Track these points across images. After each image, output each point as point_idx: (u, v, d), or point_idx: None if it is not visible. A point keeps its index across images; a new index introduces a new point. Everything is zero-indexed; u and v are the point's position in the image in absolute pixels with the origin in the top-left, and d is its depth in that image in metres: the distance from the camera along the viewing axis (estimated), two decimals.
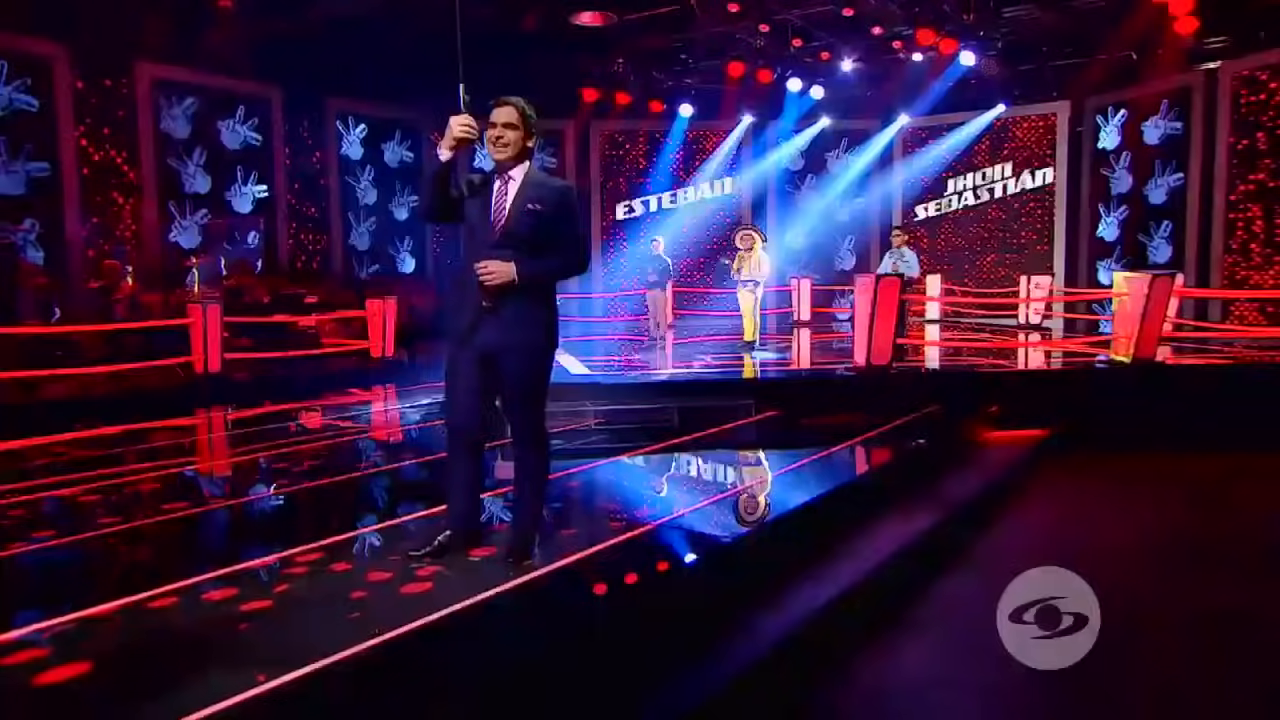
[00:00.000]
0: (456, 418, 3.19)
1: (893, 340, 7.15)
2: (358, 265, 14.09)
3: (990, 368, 8.16)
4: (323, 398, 8.21)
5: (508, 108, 3.09)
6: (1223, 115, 12.35)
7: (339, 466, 5.18)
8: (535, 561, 3.19)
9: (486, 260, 3.00)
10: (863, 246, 16.49)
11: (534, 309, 3.13)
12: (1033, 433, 6.80)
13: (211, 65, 11.64)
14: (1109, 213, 14.29)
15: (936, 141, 15.89)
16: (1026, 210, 15.43)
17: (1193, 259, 12.90)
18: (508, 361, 3.12)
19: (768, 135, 16.00)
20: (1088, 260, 14.77)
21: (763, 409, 6.59)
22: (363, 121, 14.00)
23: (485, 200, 3.13)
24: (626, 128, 15.74)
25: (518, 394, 3.17)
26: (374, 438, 6.35)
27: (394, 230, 14.66)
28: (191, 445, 6.28)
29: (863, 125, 16.12)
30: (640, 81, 14.43)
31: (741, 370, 8.37)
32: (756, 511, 4.15)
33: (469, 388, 3.15)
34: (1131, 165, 13.85)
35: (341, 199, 13.80)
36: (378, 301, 10.19)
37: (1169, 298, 7.40)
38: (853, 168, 16.29)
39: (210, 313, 8.62)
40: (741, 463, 5.41)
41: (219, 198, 12.02)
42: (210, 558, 3.44)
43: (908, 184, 16.22)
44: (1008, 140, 15.42)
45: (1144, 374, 7.28)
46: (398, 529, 3.73)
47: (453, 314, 3.19)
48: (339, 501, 4.41)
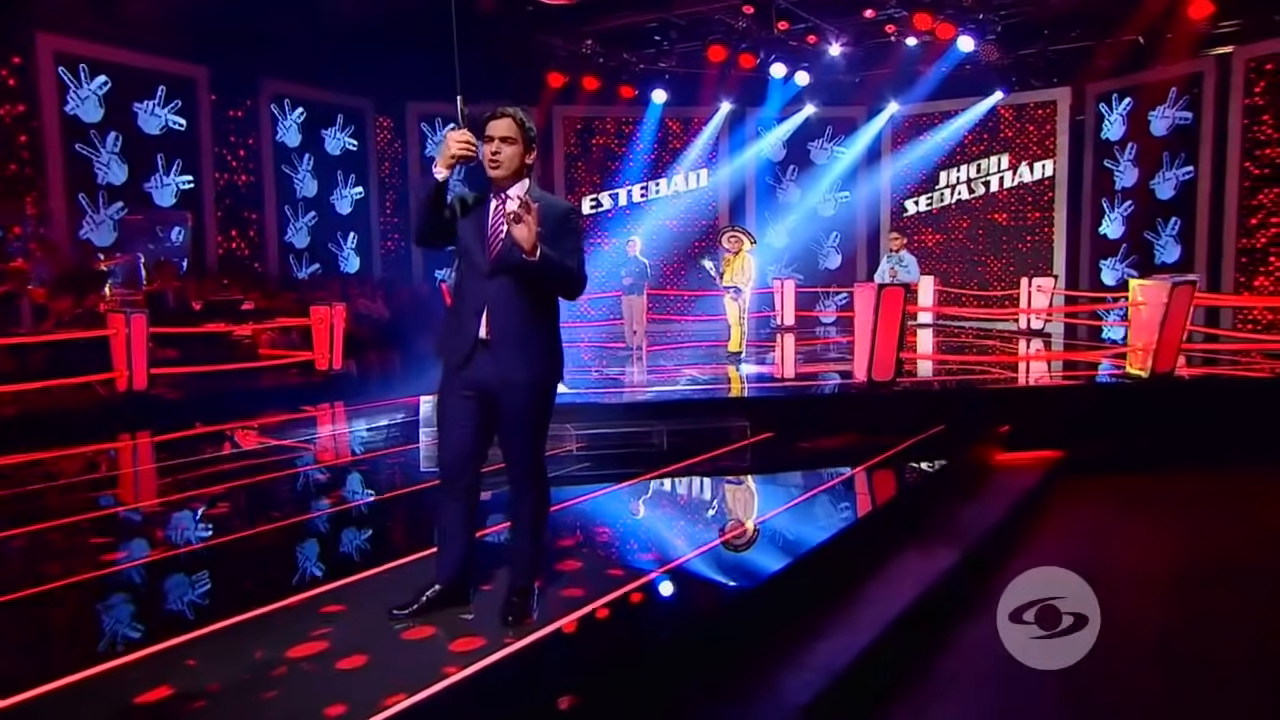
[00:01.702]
0: (450, 459, 3.16)
1: (896, 355, 7.23)
2: (296, 265, 13.87)
3: (996, 383, 8.31)
4: (263, 418, 8.05)
5: (506, 120, 3.05)
6: (1235, 103, 12.68)
7: (284, 504, 5.07)
8: (535, 620, 3.16)
9: (515, 209, 2.87)
10: (849, 244, 16.69)
11: (537, 338, 3.11)
12: (1046, 454, 6.92)
13: (127, 40, 11.35)
14: (1113, 208, 14.61)
15: (928, 131, 16.14)
16: (1024, 205, 15.72)
17: (1203, 259, 13.23)
18: (507, 397, 3.09)
19: (748, 124, 16.12)
20: (1090, 259, 15.08)
21: (757, 430, 6.62)
22: (301, 105, 13.79)
23: (480, 222, 3.11)
24: (594, 114, 15.73)
25: (517, 432, 3.15)
26: (325, 466, 6.23)
27: (336, 225, 14.46)
28: (112, 479, 6.10)
29: (849, 113, 16.31)
30: (610, 65, 14.42)
31: (731, 385, 8.40)
32: (768, 554, 4.15)
33: (464, 426, 3.13)
34: (1137, 157, 14.17)
35: (278, 191, 13.57)
36: (324, 308, 10.02)
37: (1190, 306, 7.59)
38: (838, 159, 16.47)
39: (135, 323, 8.40)
40: (742, 495, 5.43)
41: (137, 190, 11.73)
42: (118, 637, 3.21)
43: (897, 177, 16.45)
44: (1005, 130, 15.71)
45: (1164, 390, 7.46)
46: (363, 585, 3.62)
47: (446, 346, 3.16)
48: (283, 553, 4.21)
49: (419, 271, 15.23)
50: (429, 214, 3.03)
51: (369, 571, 3.73)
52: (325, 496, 5.36)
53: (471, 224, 3.11)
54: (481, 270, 3.07)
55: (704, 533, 4.39)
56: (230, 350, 10.00)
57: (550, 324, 3.17)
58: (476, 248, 3.09)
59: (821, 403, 7.50)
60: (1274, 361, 8.79)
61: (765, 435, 6.64)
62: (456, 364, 3.11)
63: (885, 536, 4.75)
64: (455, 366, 3.12)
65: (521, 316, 3.07)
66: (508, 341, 3.06)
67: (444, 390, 3.18)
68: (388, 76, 13.46)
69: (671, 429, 6.37)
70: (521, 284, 3.05)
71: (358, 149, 14.71)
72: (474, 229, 3.10)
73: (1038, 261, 15.41)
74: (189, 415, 8.02)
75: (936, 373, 8.65)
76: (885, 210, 16.63)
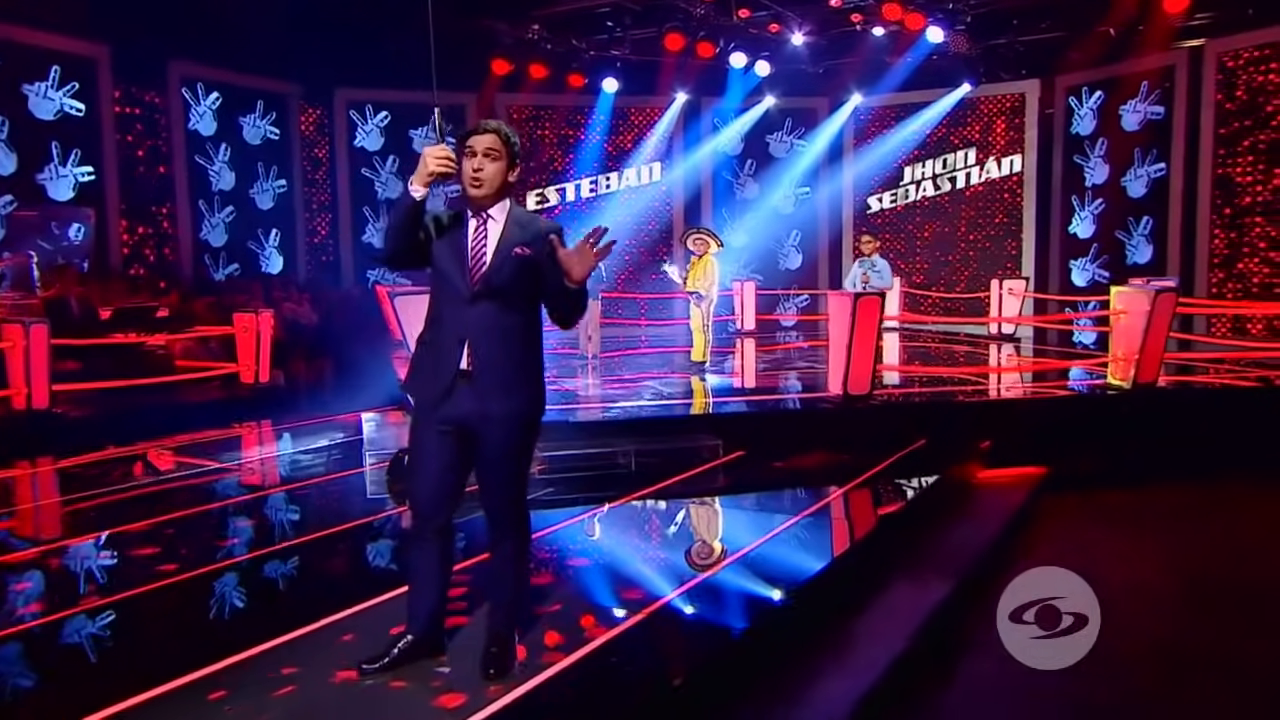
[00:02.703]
0: (424, 498, 3.12)
1: (872, 368, 7.33)
2: (212, 265, 13.52)
3: (975, 395, 8.47)
4: (184, 439, 7.81)
5: (489, 135, 3.02)
6: (1207, 98, 13.13)
7: (215, 542, 4.90)
8: (518, 672, 3.12)
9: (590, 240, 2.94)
10: (810, 243, 16.89)
11: (523, 368, 3.09)
12: (1030, 471, 7.08)
13: (18, 15, 10.92)
14: (1083, 206, 15.02)
15: (893, 125, 16.41)
16: (992, 203, 16.08)
17: (1175, 260, 13.70)
18: (490, 432, 3.06)
19: (705, 116, 16.21)
20: (1059, 259, 15.49)
21: (729, 448, 6.64)
22: (216, 90, 13.44)
23: (458, 243, 3.07)
24: (541, 103, 15.65)
25: (499, 470, 3.12)
26: (260, 495, 6.06)
27: (256, 222, 14.13)
28: (8, 513, 5.84)
29: (810, 104, 16.50)
30: (559, 51, 14.36)
31: (699, 400, 8.42)
32: (759, 589, 4.15)
33: (440, 465, 3.09)
34: (1108, 153, 14.60)
35: (191, 184, 13.21)
36: (249, 315, 9.76)
37: (1173, 314, 7.85)
38: (799, 153, 16.66)
39: (35, 334, 8.07)
40: (723, 522, 5.42)
41: (28, 181, 11.29)
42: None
43: (860, 172, 16.69)
44: (972, 124, 16.05)
45: (1148, 402, 7.70)
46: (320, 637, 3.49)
47: (421, 379, 3.12)
48: (218, 602, 4.04)
49: (349, 272, 14.98)
50: (404, 235, 2.98)
51: (324, 620, 3.58)
52: (264, 531, 5.21)
53: (449, 246, 3.07)
54: (462, 296, 3.03)
55: (687, 567, 4.37)
56: (142, 363, 9.67)
57: (535, 352, 3.16)
58: (455, 272, 3.04)
59: (795, 419, 7.55)
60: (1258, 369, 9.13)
61: (737, 454, 6.66)
62: (434, 399, 3.06)
63: (877, 565, 4.79)
64: (432, 402, 3.06)
65: (506, 345, 3.05)
66: (491, 372, 3.03)
67: (418, 427, 3.13)
68: (313, 59, 13.23)
69: (640, 449, 6.35)
70: (505, 310, 3.02)
71: (280, 138, 14.41)
72: (452, 251, 3.06)
73: (1005, 261, 15.78)
74: (97, 436, 7.73)
75: (912, 384, 8.77)
76: (848, 207, 16.87)
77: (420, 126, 15.13)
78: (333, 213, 15.11)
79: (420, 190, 2.92)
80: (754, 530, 4.98)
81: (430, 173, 2.90)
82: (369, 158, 15.13)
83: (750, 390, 9.12)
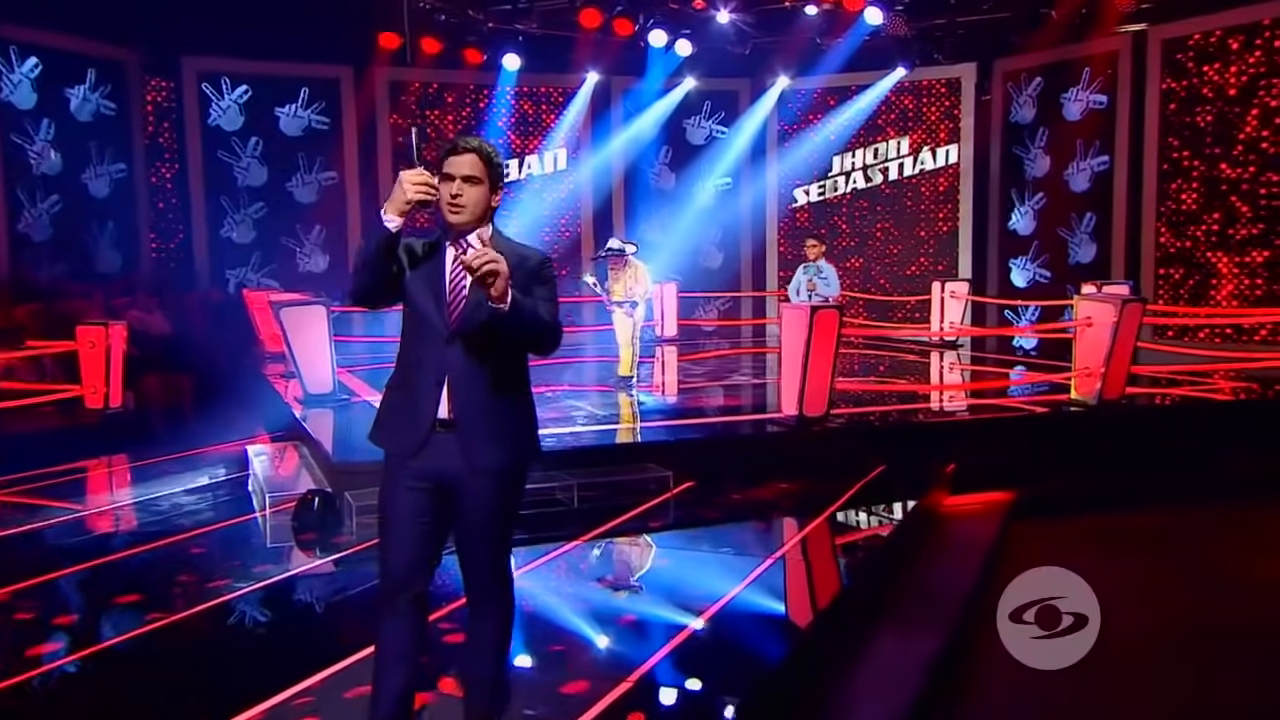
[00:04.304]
0: (397, 564, 3.05)
1: (830, 387, 7.49)
2: (35, 264, 12.77)
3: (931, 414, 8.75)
4: (16, 478, 7.33)
5: (469, 156, 2.97)
6: (1152, 88, 13.84)
7: (86, 615, 4.64)
8: None
9: (473, 254, 2.77)
10: (731, 240, 17.13)
11: (510, 415, 3.07)
12: (996, 497, 7.36)
13: None
14: (1023, 201, 15.66)
15: (822, 111, 16.77)
16: (927, 196, 16.59)
17: (1120, 260, 14.41)
18: (473, 489, 3.02)
19: (619, 99, 16.26)
20: (998, 258, 16.11)
21: (678, 479, 6.70)
22: (35, 55, 12.72)
23: (434, 276, 3.03)
24: (432, 79, 15.40)
25: (482, 532, 3.08)
26: (135, 551, 5.72)
27: (89, 213, 13.43)
28: None
29: (731, 86, 16.74)
30: (454, 23, 14.16)
31: (637, 423, 8.47)
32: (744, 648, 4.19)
33: (416, 525, 3.03)
34: (1049, 144, 15.27)
35: (6, 167, 12.47)
36: (96, 329, 9.29)
37: (1139, 325, 8.28)
38: (719, 140, 16.87)
39: None
40: (686, 568, 5.39)
41: None
42: None
43: (786, 162, 17.02)
44: (906, 111, 16.56)
45: (1115, 419, 8.11)
46: None
47: (393, 429, 3.06)
48: (103, 693, 3.80)
49: (205, 273, 14.39)
50: (377, 270, 2.92)
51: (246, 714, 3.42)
52: (147, 597, 4.85)
53: (424, 279, 3.02)
54: (440, 335, 2.97)
55: (660, 625, 4.35)
56: None
57: (525, 396, 3.14)
58: (432, 307, 2.99)
59: (749, 444, 7.66)
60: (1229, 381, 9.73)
61: (687, 485, 6.72)
62: (408, 451, 3.00)
63: (860, 613, 4.90)
64: (406, 454, 3.00)
65: (491, 389, 3.01)
66: (475, 420, 2.98)
67: (389, 483, 3.06)
68: (158, 22, 12.68)
69: (582, 482, 6.34)
70: (489, 350, 2.97)
71: (117, 114, 13.74)
72: (427, 285, 3.01)
73: (941, 259, 16.32)
74: None
75: (866, 402, 8.98)
76: (772, 200, 17.16)
77: (290, 103, 14.68)
78: (183, 203, 14.51)
79: (396, 221, 2.86)
80: (723, 578, 5.00)
81: (408, 200, 2.84)
82: (226, 139, 14.56)
83: (695, 412, 9.22)
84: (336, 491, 6.00)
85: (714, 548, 5.76)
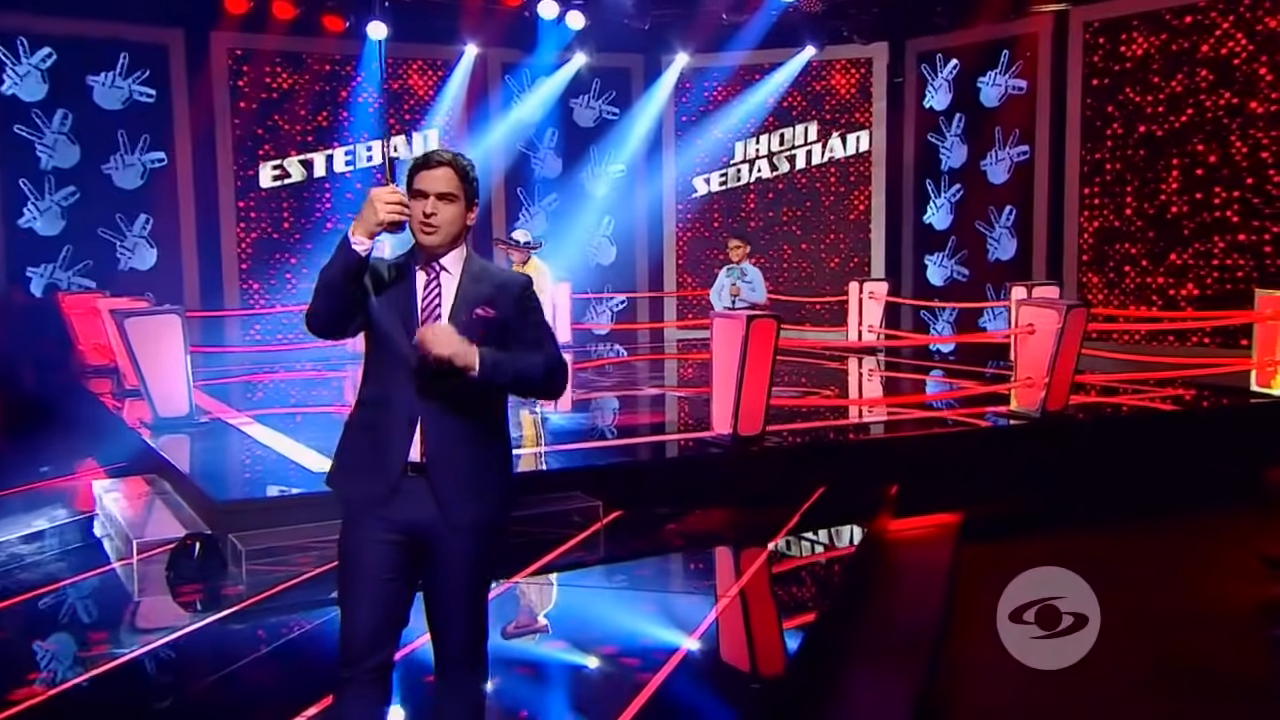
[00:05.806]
0: (361, 632, 2.97)
1: (765, 403, 7.60)
2: None
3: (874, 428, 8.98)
4: None
5: (443, 170, 2.96)
6: (1074, 73, 14.47)
7: None
8: None
9: (428, 337, 2.79)
10: (625, 233, 17.21)
11: (489, 458, 3.05)
12: (943, 519, 7.60)
13: None
14: (939, 193, 16.20)
15: (724, 92, 17.03)
16: (836, 186, 16.96)
17: (1041, 257, 15.02)
18: (449, 547, 2.97)
19: (501, 75, 16.21)
20: (914, 254, 16.63)
21: (609, 508, 6.71)
22: None
23: (404, 301, 2.99)
24: (286, 49, 14.97)
25: (460, 594, 3.04)
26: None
27: None
28: None
29: (623, 63, 16.81)
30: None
31: (539, 443, 8.42)
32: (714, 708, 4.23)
33: (381, 586, 2.96)
34: (965, 132, 15.82)
35: None
36: None
37: (1083, 332, 8.66)
38: (609, 122, 16.93)
39: None
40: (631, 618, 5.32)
41: None
42: None
43: (684, 148, 17.22)
44: (814, 94, 16.90)
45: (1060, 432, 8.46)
46: None
47: (355, 474, 3.01)
48: None
49: (2, 271, 13.50)
50: (341, 297, 2.88)
51: None
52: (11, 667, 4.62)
53: (392, 305, 2.97)
54: (411, 368, 2.92)
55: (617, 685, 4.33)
56: None
57: (503, 436, 3.11)
58: (401, 336, 2.94)
59: (682, 467, 7.72)
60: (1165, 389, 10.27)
61: (616, 514, 6.73)
62: (374, 499, 2.93)
63: (827, 658, 4.98)
64: (371, 502, 2.93)
65: (468, 429, 2.98)
66: (450, 465, 2.95)
67: (351, 534, 2.99)
68: None
69: None
70: (466, 385, 2.93)
71: None
72: (396, 311, 2.97)
73: (853, 255, 16.71)
74: None
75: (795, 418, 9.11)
76: (669, 189, 17.30)
77: (106, 71, 13.94)
78: None
79: (365, 243, 2.81)
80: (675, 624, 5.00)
81: (379, 222, 2.79)
82: (25, 111, 13.62)
83: (619, 431, 9.24)
84: (219, 535, 5.77)
85: (660, 587, 5.78)
